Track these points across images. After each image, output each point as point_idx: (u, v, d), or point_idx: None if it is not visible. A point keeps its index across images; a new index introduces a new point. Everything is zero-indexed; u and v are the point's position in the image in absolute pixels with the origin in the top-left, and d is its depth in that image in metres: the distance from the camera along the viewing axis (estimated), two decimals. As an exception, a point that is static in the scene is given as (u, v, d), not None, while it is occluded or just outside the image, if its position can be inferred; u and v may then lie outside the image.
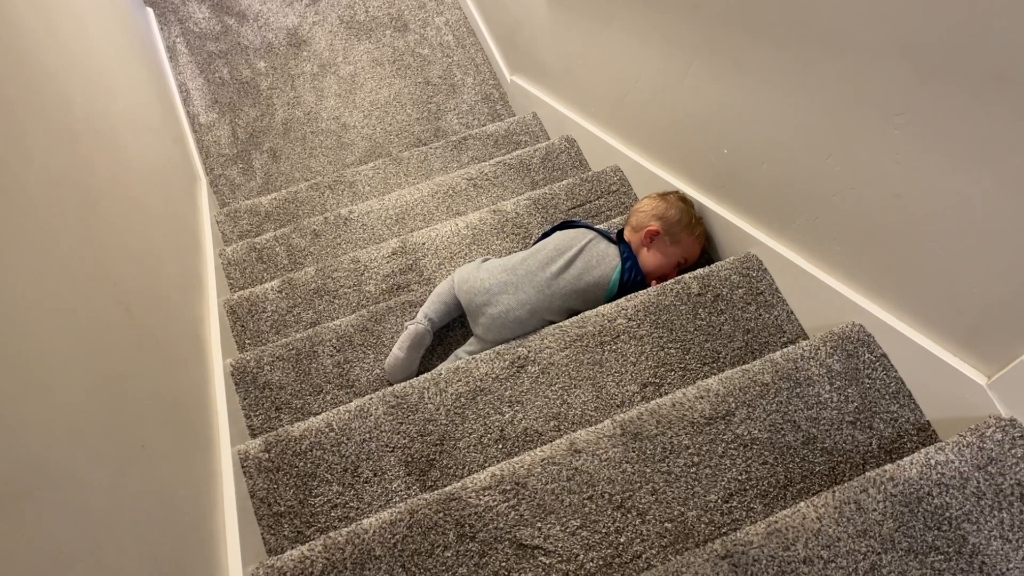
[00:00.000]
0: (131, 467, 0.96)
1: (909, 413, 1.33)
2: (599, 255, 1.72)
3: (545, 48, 2.57)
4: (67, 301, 0.95)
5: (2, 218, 0.84)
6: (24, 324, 0.80)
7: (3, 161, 0.91)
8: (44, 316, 0.87)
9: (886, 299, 1.35)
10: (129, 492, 0.92)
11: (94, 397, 0.93)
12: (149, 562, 0.91)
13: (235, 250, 2.28)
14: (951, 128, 1.07)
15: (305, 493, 1.43)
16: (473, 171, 2.42)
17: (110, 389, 0.99)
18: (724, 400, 1.35)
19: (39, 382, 0.79)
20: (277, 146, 2.95)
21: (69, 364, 0.89)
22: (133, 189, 1.57)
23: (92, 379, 0.94)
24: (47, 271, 0.92)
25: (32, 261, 0.89)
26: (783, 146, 1.46)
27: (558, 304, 1.67)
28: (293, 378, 1.73)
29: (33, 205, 0.96)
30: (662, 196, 1.81)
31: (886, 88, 1.15)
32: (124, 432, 0.98)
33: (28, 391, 0.76)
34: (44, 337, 0.84)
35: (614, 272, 1.70)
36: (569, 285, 1.68)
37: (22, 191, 0.94)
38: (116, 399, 1.00)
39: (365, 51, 3.22)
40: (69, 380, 0.87)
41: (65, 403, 0.84)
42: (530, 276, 1.69)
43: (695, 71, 1.66)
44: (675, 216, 1.75)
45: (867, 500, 1.10)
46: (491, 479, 1.28)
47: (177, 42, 3.18)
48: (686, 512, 1.26)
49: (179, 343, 1.48)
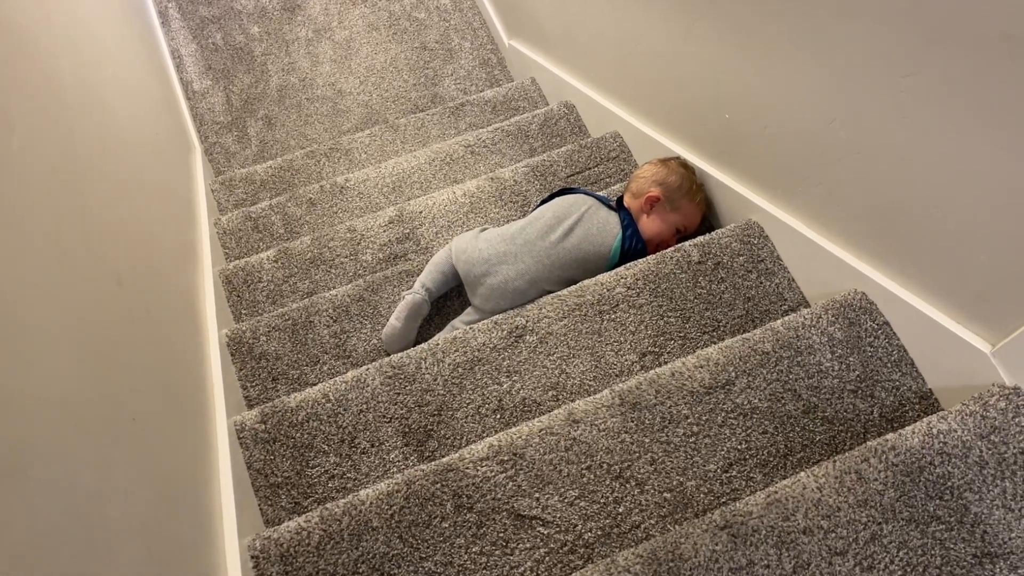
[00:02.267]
0: (122, 441, 0.95)
1: (911, 381, 1.32)
2: (599, 223, 1.70)
3: (544, 11, 2.52)
4: (54, 274, 0.93)
5: None
6: (8, 298, 0.79)
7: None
8: (29, 289, 0.85)
9: (889, 266, 1.33)
10: (120, 466, 0.91)
11: (83, 371, 0.91)
12: (142, 536, 0.90)
13: (230, 219, 2.26)
14: (959, 91, 1.04)
15: (302, 464, 1.43)
16: (471, 138, 2.38)
17: (100, 363, 0.97)
18: (724, 369, 1.34)
19: (25, 357, 0.77)
20: (272, 113, 2.91)
21: (56, 338, 0.87)
22: (124, 158, 1.55)
23: (81, 353, 0.92)
24: (32, 243, 0.90)
25: (16, 233, 0.87)
26: (786, 110, 1.43)
27: (557, 274, 1.65)
28: (290, 348, 1.72)
29: (16, 176, 0.93)
30: (663, 162, 1.78)
31: (893, 49, 1.12)
32: (115, 406, 0.97)
33: (14, 366, 0.74)
34: (30, 311, 0.83)
35: (615, 240, 1.68)
36: (569, 254, 1.65)
37: (3, 161, 0.91)
38: (106, 373, 0.99)
39: (360, 15, 3.16)
40: (57, 354, 0.85)
41: (53, 378, 0.82)
42: (529, 245, 1.66)
43: (697, 34, 1.62)
44: (676, 182, 1.73)
45: (868, 470, 1.09)
46: (489, 450, 1.27)
47: (169, 7, 3.12)
48: (685, 482, 1.25)
49: (173, 315, 1.46)
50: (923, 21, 1.04)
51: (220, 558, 1.15)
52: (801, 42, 1.31)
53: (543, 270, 1.64)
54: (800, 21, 1.29)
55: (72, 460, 0.80)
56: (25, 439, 0.72)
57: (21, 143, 0.99)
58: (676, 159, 1.80)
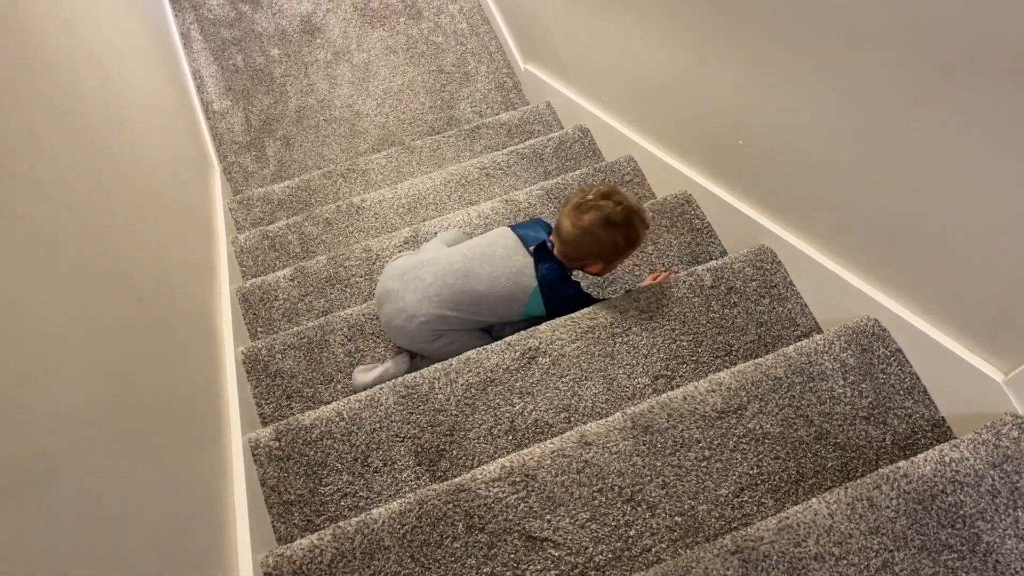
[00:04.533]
0: (141, 456, 0.96)
1: (924, 409, 1.32)
2: (509, 272, 1.61)
3: (560, 36, 2.55)
4: (77, 291, 0.95)
5: (12, 208, 0.84)
6: (34, 314, 0.80)
7: (13, 150, 0.91)
8: (54, 306, 0.87)
9: (902, 293, 1.34)
10: (138, 481, 0.93)
11: (104, 387, 0.93)
12: (158, 551, 0.91)
13: (248, 238, 2.29)
14: (971, 121, 1.05)
15: (315, 482, 1.44)
16: (486, 160, 2.41)
17: (120, 379, 0.99)
18: (736, 394, 1.34)
19: (49, 372, 0.79)
20: (290, 134, 2.94)
21: (79, 354, 0.89)
22: (145, 177, 1.57)
23: (102, 369, 0.94)
24: (57, 261, 0.92)
25: (42, 251, 0.89)
26: (799, 137, 1.44)
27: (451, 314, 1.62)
28: (304, 367, 1.73)
29: (43, 195, 0.96)
30: (605, 224, 1.52)
31: (904, 79, 1.13)
32: (134, 421, 0.98)
33: (38, 381, 0.76)
34: (54, 327, 0.84)
35: (527, 295, 1.61)
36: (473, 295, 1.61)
37: (32, 181, 0.93)
38: (126, 389, 1.00)
39: (379, 39, 3.20)
40: (79, 370, 0.87)
41: (74, 393, 0.84)
42: (416, 281, 1.63)
43: (711, 61, 1.64)
44: (613, 250, 1.56)
45: (880, 497, 1.09)
46: (501, 471, 1.28)
47: (191, 29, 3.17)
48: (696, 506, 1.25)
49: (191, 332, 1.49)
50: (933, 52, 1.06)
51: (234, 574, 1.16)
52: (814, 70, 1.32)
53: (430, 308, 1.61)
54: (813, 50, 1.31)
55: (93, 474, 0.82)
56: (49, 452, 0.73)
57: (49, 162, 1.02)
58: (610, 207, 1.52)
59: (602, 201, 1.52)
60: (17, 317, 0.76)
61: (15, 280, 0.79)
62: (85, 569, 0.73)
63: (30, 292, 0.81)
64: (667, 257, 1.85)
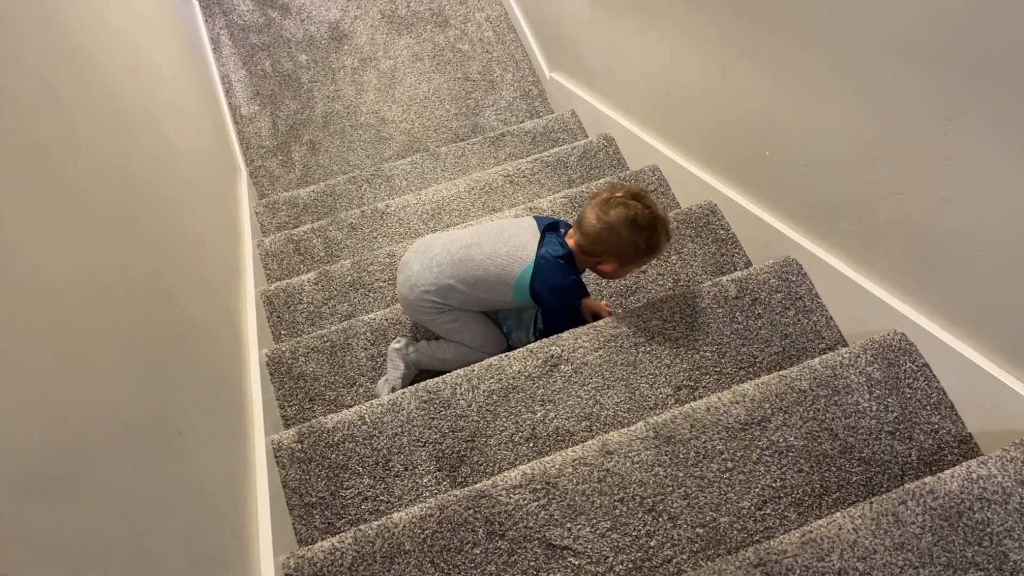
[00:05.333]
0: (169, 454, 0.97)
1: (950, 425, 1.30)
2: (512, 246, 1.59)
3: (586, 45, 2.56)
4: (111, 289, 0.97)
5: (51, 208, 0.86)
6: (71, 311, 0.82)
7: (52, 153, 0.92)
8: (89, 303, 0.88)
9: (930, 307, 1.32)
10: (166, 479, 0.94)
11: (135, 385, 0.94)
12: (184, 549, 0.92)
13: (273, 241, 2.31)
14: (1003, 134, 1.04)
15: (336, 485, 1.44)
16: (510, 168, 2.41)
17: (151, 377, 1.01)
18: (760, 406, 1.33)
19: (83, 369, 0.80)
20: (316, 139, 2.97)
21: (112, 351, 0.90)
22: (176, 179, 1.60)
23: (134, 367, 0.95)
24: (93, 260, 0.94)
25: (79, 250, 0.90)
26: (827, 149, 1.44)
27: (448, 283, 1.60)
28: (327, 370, 1.74)
29: (80, 195, 0.97)
30: (629, 224, 1.49)
31: (937, 92, 1.12)
32: (163, 420, 1.00)
33: (73, 377, 0.77)
34: (89, 324, 0.86)
35: (520, 269, 1.57)
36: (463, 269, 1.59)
37: (70, 182, 0.95)
38: (156, 387, 1.02)
39: (405, 46, 3.23)
40: (112, 367, 0.88)
41: (108, 390, 0.85)
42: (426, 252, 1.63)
43: (739, 72, 1.64)
44: (632, 252, 1.53)
45: (905, 512, 1.08)
46: (522, 477, 1.28)
47: (221, 34, 3.21)
48: (718, 518, 1.25)
49: (217, 332, 1.50)
50: (966, 64, 1.05)
51: (255, 575, 1.16)
52: (844, 82, 1.32)
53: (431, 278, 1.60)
54: (843, 61, 1.30)
55: (122, 471, 0.83)
56: (81, 448, 0.74)
57: (86, 164, 1.03)
58: (639, 209, 1.50)
59: (631, 201, 1.50)
60: (56, 315, 0.77)
61: (55, 278, 0.80)
62: (116, 563, 0.74)
63: (68, 290, 0.83)
64: (691, 267, 1.85)
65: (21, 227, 0.76)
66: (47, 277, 0.78)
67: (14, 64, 0.90)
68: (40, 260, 0.78)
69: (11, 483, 0.60)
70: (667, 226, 1.53)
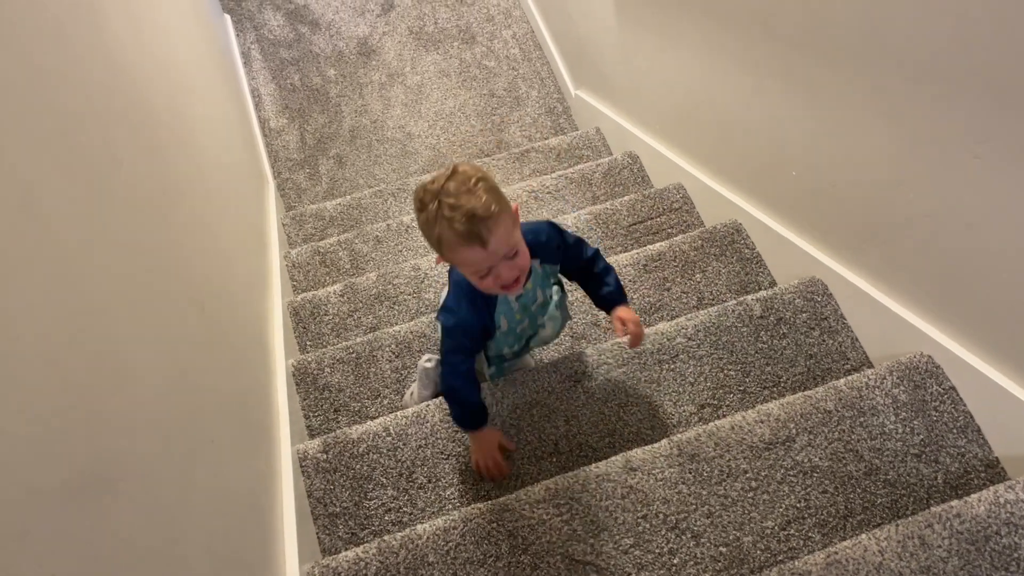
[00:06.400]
0: (200, 462, 0.99)
1: (977, 448, 1.29)
2: None
3: (612, 63, 2.57)
4: (148, 299, 0.99)
5: (93, 219, 0.88)
6: (109, 320, 0.84)
7: (95, 165, 0.95)
8: (127, 312, 0.90)
9: (957, 330, 1.32)
10: (198, 486, 0.95)
11: (170, 393, 0.96)
12: (213, 556, 0.94)
13: (299, 253, 2.34)
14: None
15: (360, 495, 1.45)
16: (534, 184, 2.43)
17: (184, 385, 1.03)
18: (785, 425, 1.33)
19: (122, 377, 0.82)
20: (343, 153, 3.01)
21: (148, 360, 0.92)
22: (207, 192, 1.63)
23: (168, 375, 0.97)
24: (132, 268, 0.96)
25: (119, 259, 0.93)
26: (854, 170, 1.44)
27: None
28: (352, 381, 1.76)
29: (121, 205, 1.00)
30: (424, 193, 1.19)
31: (964, 116, 1.12)
32: (196, 427, 1.01)
33: (112, 385, 0.79)
34: (126, 333, 0.88)
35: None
36: None
37: (111, 192, 0.98)
38: (189, 395, 1.04)
39: (432, 62, 3.26)
40: (148, 375, 0.90)
41: (143, 398, 0.87)
42: None
43: (766, 92, 1.64)
44: (428, 237, 1.22)
45: (932, 536, 1.07)
46: (545, 492, 1.29)
47: (252, 48, 3.27)
48: (742, 537, 1.24)
49: (245, 343, 1.52)
50: (994, 88, 1.05)
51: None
52: (872, 104, 1.32)
53: None
54: (871, 83, 1.30)
55: (156, 476, 0.84)
56: (117, 454, 0.76)
57: (126, 175, 1.06)
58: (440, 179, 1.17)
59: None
60: (93, 323, 0.79)
61: (97, 286, 0.82)
62: (147, 567, 0.75)
63: (106, 299, 0.85)
64: (715, 286, 1.85)
65: (68, 236, 0.78)
66: (90, 286, 0.81)
67: (63, 79, 0.93)
68: (84, 269, 0.80)
69: (57, 488, 0.61)
70: (452, 192, 1.13)
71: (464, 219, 1.10)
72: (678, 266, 1.87)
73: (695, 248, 1.90)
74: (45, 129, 0.81)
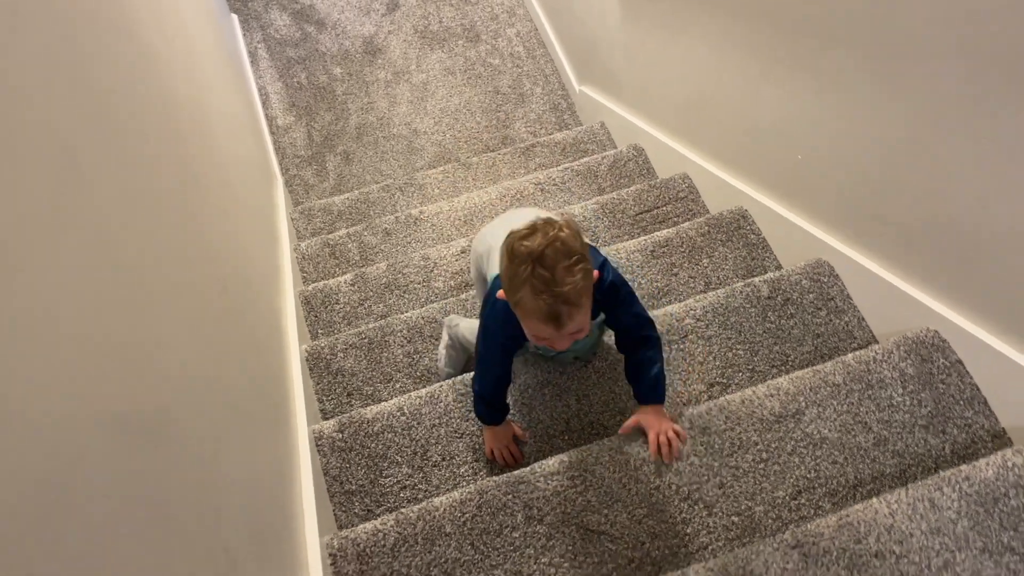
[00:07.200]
0: (231, 424, 1.02)
1: (984, 420, 1.32)
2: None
3: (616, 58, 2.61)
4: (182, 277, 1.03)
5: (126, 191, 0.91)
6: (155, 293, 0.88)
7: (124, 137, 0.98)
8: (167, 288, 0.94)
9: (963, 305, 1.35)
10: (229, 444, 0.98)
11: (201, 360, 0.99)
12: (244, 513, 0.96)
13: (309, 245, 2.36)
14: (1037, 128, 1.06)
15: (376, 473, 1.48)
16: (541, 176, 2.46)
17: (213, 355, 1.05)
18: (794, 399, 1.36)
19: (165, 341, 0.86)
20: (350, 149, 3.04)
21: (184, 328, 0.95)
22: (224, 179, 1.65)
23: (196, 346, 1.00)
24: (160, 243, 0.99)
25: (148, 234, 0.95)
26: (860, 152, 1.46)
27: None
28: (365, 366, 1.78)
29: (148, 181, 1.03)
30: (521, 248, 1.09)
31: (971, 92, 1.15)
32: (224, 394, 1.04)
33: (159, 347, 0.83)
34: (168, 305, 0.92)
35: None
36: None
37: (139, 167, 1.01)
38: (218, 365, 1.06)
39: (438, 60, 3.30)
40: (185, 342, 0.94)
41: (182, 361, 0.91)
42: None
43: (772, 77, 1.67)
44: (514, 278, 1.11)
45: (941, 498, 1.10)
46: (560, 464, 1.31)
47: (259, 48, 3.30)
48: (753, 507, 1.27)
49: (263, 325, 1.55)
50: (1002, 64, 1.08)
51: (302, 552, 1.20)
52: (876, 85, 1.35)
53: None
54: (876, 66, 1.33)
55: (196, 429, 0.88)
56: (165, 406, 0.80)
57: (152, 153, 1.09)
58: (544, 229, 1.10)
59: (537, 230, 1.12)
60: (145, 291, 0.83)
61: (141, 257, 0.86)
62: (190, 508, 0.78)
63: (151, 277, 0.88)
64: (722, 270, 1.87)
65: (105, 198, 0.81)
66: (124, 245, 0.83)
67: (98, 60, 0.96)
68: (119, 230, 0.83)
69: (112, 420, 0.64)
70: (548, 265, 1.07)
71: (552, 299, 1.07)
72: (685, 252, 1.90)
73: (702, 234, 1.92)
74: (85, 103, 0.85)
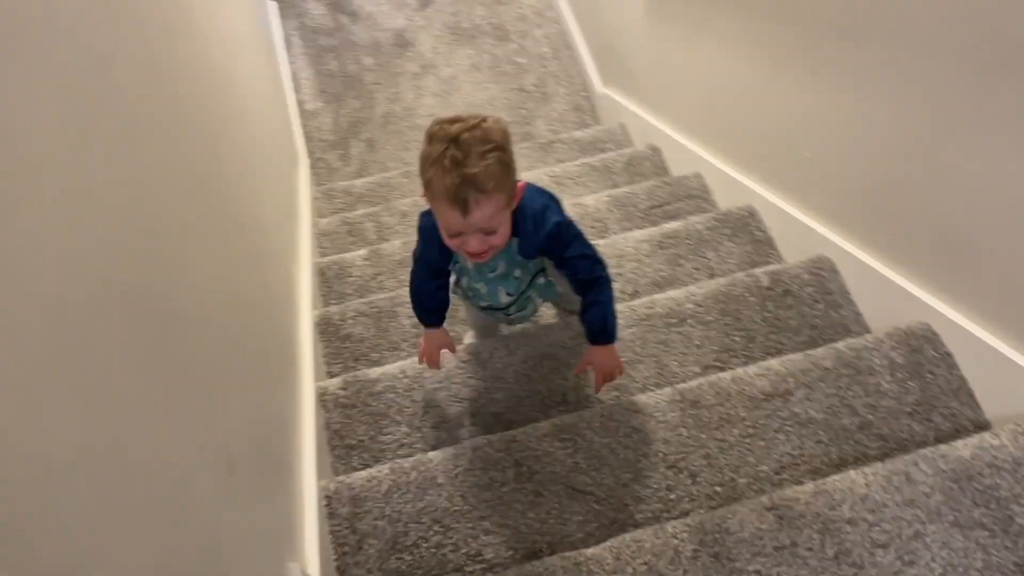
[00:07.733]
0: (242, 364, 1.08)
1: (969, 411, 1.35)
2: None
3: (640, 61, 2.66)
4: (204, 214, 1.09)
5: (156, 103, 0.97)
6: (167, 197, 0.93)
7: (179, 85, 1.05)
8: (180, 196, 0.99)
9: (957, 299, 1.38)
10: (238, 377, 1.04)
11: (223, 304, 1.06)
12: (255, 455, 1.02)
13: (329, 222, 2.43)
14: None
15: (376, 430, 1.53)
16: (557, 170, 2.51)
17: (226, 290, 1.11)
18: (784, 379, 1.39)
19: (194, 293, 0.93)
20: (375, 137, 3.11)
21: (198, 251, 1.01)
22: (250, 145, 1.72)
23: (213, 272, 1.06)
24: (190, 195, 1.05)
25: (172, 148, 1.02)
26: (865, 149, 1.50)
27: None
28: (373, 333, 1.84)
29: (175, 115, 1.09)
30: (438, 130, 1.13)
31: (967, 87, 1.19)
32: (240, 336, 1.11)
33: (190, 296, 0.91)
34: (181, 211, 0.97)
35: None
36: None
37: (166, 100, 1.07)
38: (236, 308, 1.13)
39: (466, 56, 3.37)
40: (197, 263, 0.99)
41: (203, 301, 0.97)
42: None
43: (783, 76, 1.72)
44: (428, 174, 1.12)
45: (917, 473, 1.13)
46: (552, 427, 1.36)
47: (293, 34, 3.40)
48: (737, 479, 1.30)
49: (277, 284, 1.61)
50: (998, 59, 1.12)
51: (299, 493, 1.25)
52: (888, 85, 1.39)
53: None
54: (889, 64, 1.37)
55: (219, 330, 0.95)
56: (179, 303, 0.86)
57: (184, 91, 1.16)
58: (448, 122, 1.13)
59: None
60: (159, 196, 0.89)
61: (158, 162, 0.92)
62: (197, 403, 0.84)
63: (165, 175, 0.95)
64: (727, 264, 1.91)
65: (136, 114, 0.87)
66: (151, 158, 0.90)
67: (142, 24, 1.03)
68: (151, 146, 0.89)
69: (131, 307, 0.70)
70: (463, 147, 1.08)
71: (459, 180, 1.06)
72: (691, 244, 1.94)
73: (709, 228, 1.96)
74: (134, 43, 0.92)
